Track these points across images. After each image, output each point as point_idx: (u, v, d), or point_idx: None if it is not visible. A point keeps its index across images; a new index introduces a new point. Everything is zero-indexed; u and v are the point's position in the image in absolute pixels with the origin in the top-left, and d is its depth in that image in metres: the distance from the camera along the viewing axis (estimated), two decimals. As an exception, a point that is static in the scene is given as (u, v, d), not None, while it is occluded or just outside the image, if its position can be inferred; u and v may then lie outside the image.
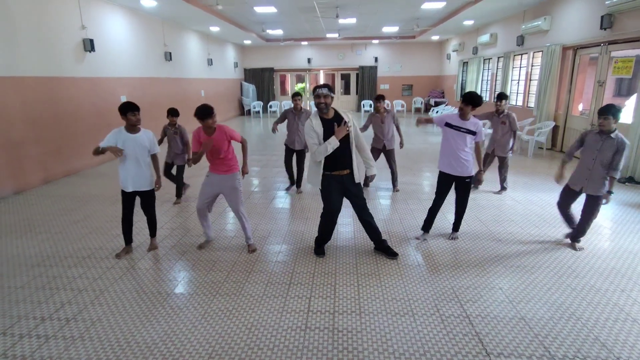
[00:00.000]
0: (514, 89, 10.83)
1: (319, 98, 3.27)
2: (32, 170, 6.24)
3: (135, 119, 3.50)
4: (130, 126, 3.53)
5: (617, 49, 6.77)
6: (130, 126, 3.53)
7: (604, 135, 3.39)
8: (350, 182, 3.45)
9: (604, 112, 3.33)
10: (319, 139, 3.29)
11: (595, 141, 3.43)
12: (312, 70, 18.94)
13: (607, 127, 3.34)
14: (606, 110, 3.32)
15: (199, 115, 3.49)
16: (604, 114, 3.33)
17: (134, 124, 3.52)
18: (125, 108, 3.48)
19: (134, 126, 3.54)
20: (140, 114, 3.54)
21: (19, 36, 5.93)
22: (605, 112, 3.32)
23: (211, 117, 3.49)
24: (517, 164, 7.39)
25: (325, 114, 3.33)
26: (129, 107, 3.48)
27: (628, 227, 4.29)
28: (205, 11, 9.57)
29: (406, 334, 2.57)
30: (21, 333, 2.62)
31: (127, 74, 8.90)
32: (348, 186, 3.46)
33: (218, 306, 2.91)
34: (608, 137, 3.37)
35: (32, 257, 3.77)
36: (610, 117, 3.30)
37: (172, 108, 5.26)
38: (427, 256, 3.69)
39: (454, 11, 10.89)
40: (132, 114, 3.48)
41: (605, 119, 3.32)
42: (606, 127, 3.34)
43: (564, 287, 3.10)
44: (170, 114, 5.20)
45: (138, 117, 3.52)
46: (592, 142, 3.45)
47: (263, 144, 10.39)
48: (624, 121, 6.81)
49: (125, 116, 3.48)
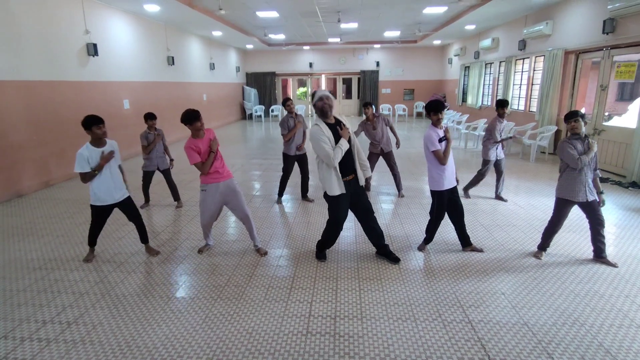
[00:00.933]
0: (515, 93, 10.83)
1: (322, 101, 3.23)
2: (34, 173, 6.26)
3: (101, 132, 3.38)
4: (96, 140, 3.42)
5: (620, 53, 6.76)
6: (96, 140, 3.42)
7: (580, 140, 3.38)
8: (356, 185, 3.44)
9: (573, 115, 3.34)
10: (331, 143, 3.22)
11: (581, 146, 3.37)
12: (313, 74, 19.00)
13: (579, 129, 3.34)
14: (575, 113, 3.34)
15: (187, 120, 3.40)
16: (574, 116, 3.33)
17: (100, 137, 3.41)
18: (90, 122, 3.33)
19: (100, 139, 3.44)
20: (105, 126, 3.42)
21: (23, 40, 5.97)
22: (574, 114, 3.34)
23: (199, 120, 3.43)
24: (519, 169, 7.37)
25: (328, 117, 3.31)
26: (93, 120, 3.35)
27: (632, 233, 4.27)
28: (208, 16, 9.62)
29: (408, 339, 2.55)
30: (22, 336, 2.62)
31: (130, 78, 8.95)
32: (355, 190, 3.43)
33: (219, 310, 2.90)
34: (586, 139, 3.38)
35: (33, 260, 3.78)
36: (579, 119, 3.31)
37: (149, 112, 5.11)
38: (428, 261, 3.67)
39: (456, 16, 10.92)
40: (97, 128, 3.35)
41: (576, 121, 3.32)
42: (579, 130, 3.34)
43: (567, 292, 3.08)
44: (149, 118, 5.03)
45: (104, 129, 3.40)
46: (581, 148, 3.37)
47: (265, 148, 10.40)
48: (628, 125, 6.80)
49: (90, 130, 3.35)
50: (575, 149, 3.35)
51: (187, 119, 3.41)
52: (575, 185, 3.39)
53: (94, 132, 3.37)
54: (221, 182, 3.58)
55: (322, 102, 3.23)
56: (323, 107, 3.24)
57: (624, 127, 6.87)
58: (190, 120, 3.41)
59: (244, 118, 18.29)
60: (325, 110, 3.25)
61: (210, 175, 3.53)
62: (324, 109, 3.24)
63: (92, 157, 3.37)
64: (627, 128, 6.70)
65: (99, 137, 3.41)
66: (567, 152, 3.36)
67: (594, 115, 7.28)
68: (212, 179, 3.55)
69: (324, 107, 3.23)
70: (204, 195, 3.59)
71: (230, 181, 3.64)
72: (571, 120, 3.35)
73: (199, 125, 3.44)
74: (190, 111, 3.44)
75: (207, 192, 3.57)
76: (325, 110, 3.25)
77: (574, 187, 3.39)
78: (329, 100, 3.25)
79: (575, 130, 3.35)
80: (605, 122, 7.29)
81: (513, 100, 10.94)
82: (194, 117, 3.41)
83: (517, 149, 9.27)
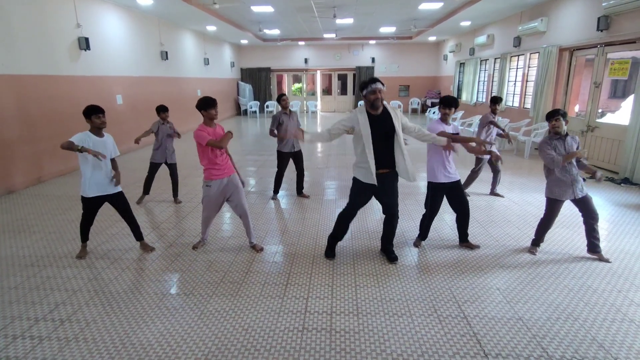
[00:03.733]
0: (510, 90, 10.87)
1: (375, 94, 3.10)
2: (26, 169, 6.17)
3: (100, 122, 3.42)
4: (96, 129, 3.45)
5: (614, 50, 6.80)
6: (96, 129, 3.45)
7: (562, 138, 3.39)
8: (389, 181, 3.30)
9: (554, 114, 3.36)
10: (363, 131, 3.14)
11: (560, 145, 3.37)
12: (309, 70, 18.92)
13: (560, 128, 3.35)
14: (556, 112, 3.36)
15: (203, 106, 3.42)
16: (554, 115, 3.35)
17: (99, 127, 3.44)
18: (90, 111, 3.39)
19: (100, 129, 3.47)
20: (105, 116, 3.47)
21: (14, 34, 5.87)
22: (555, 113, 3.36)
23: (215, 107, 3.45)
24: (513, 165, 7.41)
25: (375, 109, 3.17)
26: (93, 109, 3.40)
27: (624, 228, 4.31)
28: (202, 10, 9.52)
29: (404, 334, 2.56)
30: (15, 334, 2.59)
31: (123, 72, 8.84)
32: (384, 187, 3.28)
33: (215, 307, 2.88)
34: (566, 137, 3.39)
35: (26, 257, 3.73)
36: (560, 118, 3.33)
37: (161, 105, 5.16)
38: (424, 257, 3.68)
39: (451, 12, 10.91)
40: (96, 117, 3.40)
41: (556, 120, 3.34)
42: (559, 128, 3.36)
43: (561, 287, 3.10)
44: (161, 110, 5.09)
45: (103, 119, 3.44)
46: (559, 147, 3.37)
47: (260, 144, 10.36)
48: (621, 122, 6.86)
49: (89, 119, 3.40)
50: (553, 149, 3.37)
51: (204, 104, 3.43)
52: (561, 185, 3.42)
53: (93, 121, 3.41)
54: (225, 177, 3.59)
55: (375, 95, 3.11)
56: (374, 101, 3.12)
57: (617, 124, 6.93)
58: (207, 106, 3.43)
59: (239, 114, 18.19)
60: (376, 105, 3.14)
61: (212, 169, 3.53)
62: (375, 103, 3.13)
63: (86, 143, 3.35)
64: (620, 125, 6.76)
65: (98, 126, 3.44)
66: (544, 152, 3.40)
67: (587, 112, 7.32)
68: (216, 175, 3.54)
69: (375, 101, 3.12)
70: (208, 191, 3.60)
71: (234, 176, 3.65)
72: (552, 119, 3.38)
73: (214, 113, 3.46)
74: (208, 98, 3.46)
75: (211, 188, 3.58)
76: (377, 105, 3.14)
77: (560, 187, 3.43)
78: (381, 93, 3.12)
79: (556, 129, 3.37)
80: (598, 119, 7.34)
81: (508, 97, 10.98)
82: (211, 104, 3.43)
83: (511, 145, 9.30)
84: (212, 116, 3.45)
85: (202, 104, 3.44)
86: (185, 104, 12.30)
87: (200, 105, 3.45)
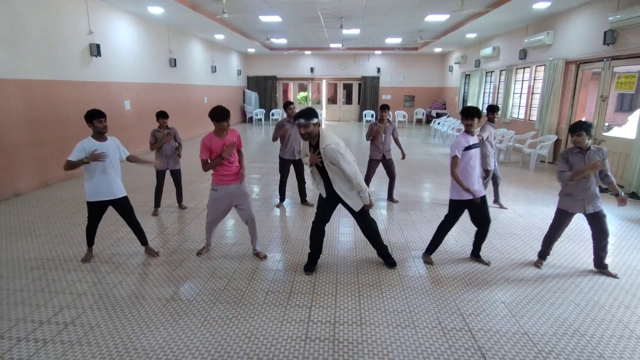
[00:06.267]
0: (516, 102, 10.88)
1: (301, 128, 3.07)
2: (33, 172, 6.24)
3: (102, 126, 3.41)
4: (98, 134, 3.45)
5: (620, 64, 6.81)
6: (98, 134, 3.45)
7: (582, 151, 3.29)
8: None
9: (576, 129, 3.23)
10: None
11: (580, 160, 3.29)
12: (314, 79, 19.06)
13: (582, 143, 3.24)
14: (578, 127, 3.23)
15: (216, 117, 3.39)
16: (577, 130, 3.22)
17: (101, 132, 3.44)
18: (91, 115, 3.38)
19: (102, 134, 3.46)
20: (106, 120, 3.45)
21: (26, 39, 5.98)
22: (578, 128, 3.23)
23: (226, 120, 3.43)
24: (519, 177, 7.39)
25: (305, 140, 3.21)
26: (95, 114, 3.39)
27: (631, 243, 4.27)
28: (211, 19, 9.65)
29: (408, 346, 2.54)
30: (19, 336, 2.59)
31: (132, 79, 8.95)
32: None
33: (218, 314, 2.88)
34: (588, 150, 3.28)
35: (31, 260, 3.75)
36: (583, 133, 3.20)
37: (160, 111, 5.06)
38: (428, 268, 3.66)
39: (457, 24, 10.99)
40: (98, 121, 3.39)
41: (579, 135, 3.22)
42: (581, 144, 3.25)
43: (567, 302, 3.07)
44: (160, 116, 4.99)
45: (105, 124, 3.43)
46: (577, 162, 3.29)
47: (264, 152, 10.40)
48: (627, 136, 6.83)
49: (91, 124, 3.40)
50: (568, 163, 3.32)
51: (215, 115, 3.40)
52: (570, 197, 3.39)
53: (95, 126, 3.41)
54: (232, 184, 3.58)
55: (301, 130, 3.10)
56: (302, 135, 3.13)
57: (624, 138, 6.90)
58: (219, 118, 3.40)
59: (245, 121, 18.31)
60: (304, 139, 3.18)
61: (220, 176, 3.54)
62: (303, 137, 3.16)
63: (90, 150, 3.37)
64: (626, 139, 6.73)
65: (100, 130, 3.43)
66: (558, 164, 3.38)
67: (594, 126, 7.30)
68: (221, 181, 3.55)
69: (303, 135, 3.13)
70: (214, 195, 3.61)
71: (239, 185, 3.63)
72: (574, 134, 3.26)
73: (225, 125, 3.45)
74: (221, 109, 3.42)
75: (218, 192, 3.59)
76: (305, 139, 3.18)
77: (569, 200, 3.40)
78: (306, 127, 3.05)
79: (578, 144, 3.28)
80: (605, 132, 7.32)
81: (513, 109, 10.99)
82: (222, 116, 3.40)
83: (516, 157, 9.29)
84: (223, 127, 3.44)
85: (214, 115, 3.41)
86: (192, 110, 12.42)
87: (212, 116, 3.42)
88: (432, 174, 7.65)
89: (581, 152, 3.31)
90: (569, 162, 3.33)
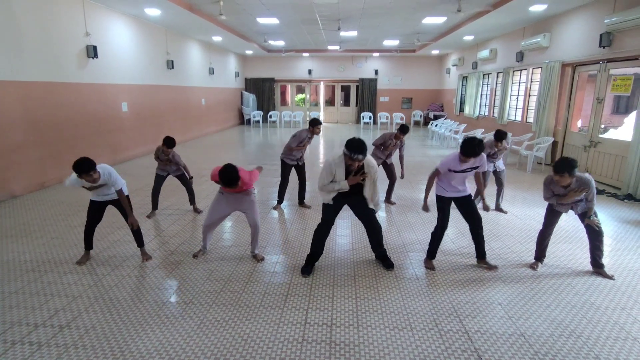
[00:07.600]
0: (513, 104, 10.92)
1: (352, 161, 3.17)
2: (29, 174, 6.21)
3: (92, 179, 3.20)
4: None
5: (616, 66, 6.85)
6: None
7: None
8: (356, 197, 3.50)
9: (559, 170, 3.08)
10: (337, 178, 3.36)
11: (561, 190, 3.29)
12: (312, 81, 19.07)
13: (563, 183, 3.15)
14: (561, 169, 3.07)
15: (225, 183, 3.24)
16: (559, 171, 3.08)
17: (92, 182, 3.25)
18: (79, 170, 3.11)
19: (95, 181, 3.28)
20: (96, 174, 3.20)
21: (23, 41, 5.96)
22: (561, 169, 3.07)
23: (237, 184, 3.28)
24: (515, 179, 7.41)
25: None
26: (82, 168, 3.10)
27: (628, 245, 4.28)
28: (209, 21, 9.66)
29: (404, 348, 2.54)
30: (13, 340, 2.58)
31: (129, 81, 8.94)
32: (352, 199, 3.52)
33: (214, 316, 2.87)
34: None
35: (27, 262, 3.73)
36: (565, 174, 3.07)
37: (168, 138, 4.74)
38: (425, 270, 3.66)
39: (455, 26, 11.03)
40: (87, 176, 3.15)
41: (561, 176, 3.09)
42: (562, 184, 3.18)
43: (563, 304, 3.07)
44: (165, 144, 4.72)
45: (94, 176, 3.20)
46: (559, 191, 3.30)
47: (262, 154, 10.39)
48: (624, 138, 6.87)
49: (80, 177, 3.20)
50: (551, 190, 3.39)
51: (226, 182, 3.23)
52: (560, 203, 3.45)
53: (85, 180, 3.22)
54: (233, 193, 3.60)
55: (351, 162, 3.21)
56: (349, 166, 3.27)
57: (620, 140, 6.93)
58: (229, 184, 3.25)
59: (242, 123, 18.30)
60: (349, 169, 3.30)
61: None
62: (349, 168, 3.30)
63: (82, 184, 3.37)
64: (622, 140, 6.77)
65: (91, 182, 3.26)
66: (543, 189, 3.45)
67: (590, 128, 7.34)
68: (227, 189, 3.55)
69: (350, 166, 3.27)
70: (219, 197, 3.63)
71: (244, 193, 3.63)
72: (556, 174, 3.12)
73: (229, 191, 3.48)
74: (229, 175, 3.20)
75: (221, 195, 3.62)
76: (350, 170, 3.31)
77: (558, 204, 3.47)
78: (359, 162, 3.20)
79: (559, 184, 3.19)
80: (601, 134, 7.36)
81: (510, 111, 11.03)
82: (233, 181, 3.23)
83: (513, 159, 9.32)
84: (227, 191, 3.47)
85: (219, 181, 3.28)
86: (190, 112, 12.42)
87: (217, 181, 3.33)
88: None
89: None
90: (552, 190, 3.39)
